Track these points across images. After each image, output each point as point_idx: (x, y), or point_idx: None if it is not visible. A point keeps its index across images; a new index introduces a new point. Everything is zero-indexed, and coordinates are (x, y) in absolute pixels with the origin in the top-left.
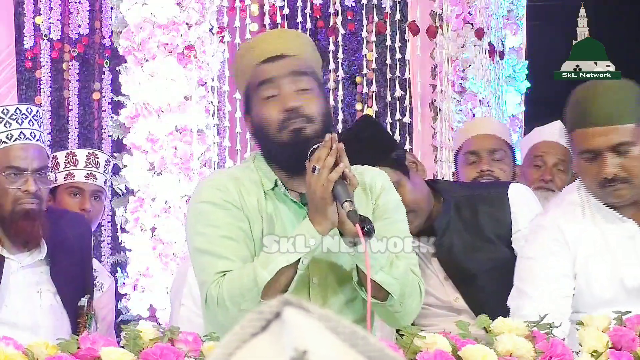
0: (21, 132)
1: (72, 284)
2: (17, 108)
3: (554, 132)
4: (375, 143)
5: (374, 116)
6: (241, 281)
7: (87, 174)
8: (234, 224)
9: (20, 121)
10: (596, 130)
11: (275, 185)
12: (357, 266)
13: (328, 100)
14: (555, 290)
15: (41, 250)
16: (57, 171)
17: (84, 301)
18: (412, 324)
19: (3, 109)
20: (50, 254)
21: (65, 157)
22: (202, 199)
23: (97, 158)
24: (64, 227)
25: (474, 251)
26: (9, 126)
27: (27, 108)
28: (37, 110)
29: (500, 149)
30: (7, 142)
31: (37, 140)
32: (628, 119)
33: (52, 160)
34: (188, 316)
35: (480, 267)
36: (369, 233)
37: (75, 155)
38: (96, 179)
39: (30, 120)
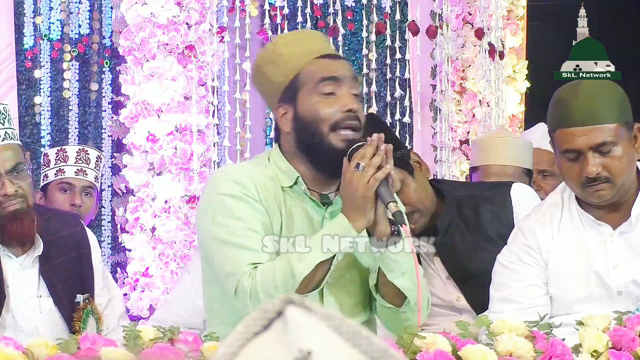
0: None
1: (66, 282)
2: None
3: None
4: None
5: None
6: (275, 273)
7: (77, 169)
8: (256, 217)
9: None
10: (578, 130)
11: (295, 182)
12: (378, 270)
13: None
14: (526, 299)
15: (36, 248)
16: (48, 168)
17: (80, 297)
18: None
19: None
20: (44, 252)
21: (56, 153)
22: (221, 191)
23: (88, 154)
24: (56, 226)
25: (476, 251)
26: None
27: None
28: (4, 107)
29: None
30: None
31: (4, 140)
32: (610, 119)
33: (43, 158)
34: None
35: (482, 267)
36: (399, 234)
37: (66, 152)
38: (86, 174)
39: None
